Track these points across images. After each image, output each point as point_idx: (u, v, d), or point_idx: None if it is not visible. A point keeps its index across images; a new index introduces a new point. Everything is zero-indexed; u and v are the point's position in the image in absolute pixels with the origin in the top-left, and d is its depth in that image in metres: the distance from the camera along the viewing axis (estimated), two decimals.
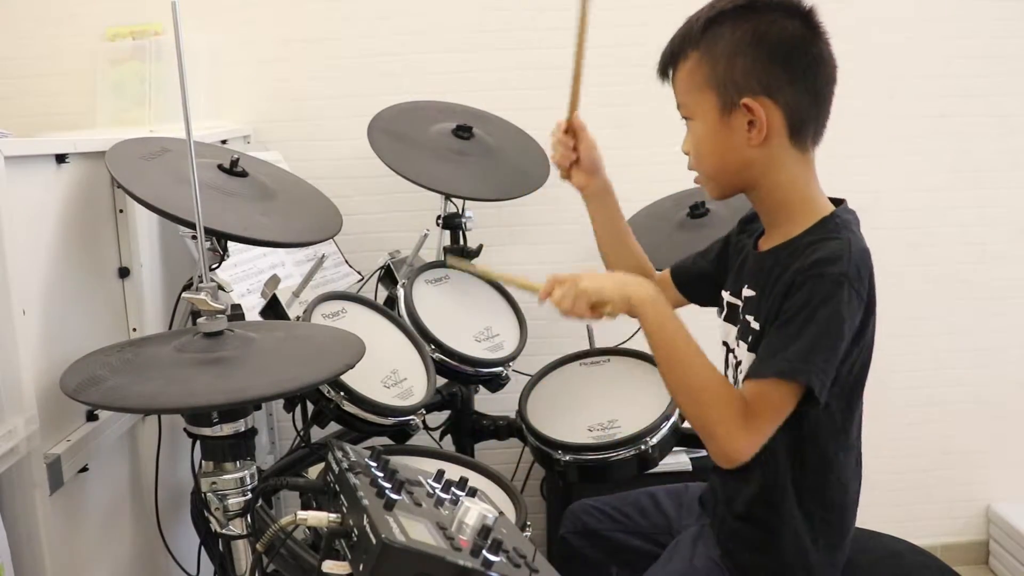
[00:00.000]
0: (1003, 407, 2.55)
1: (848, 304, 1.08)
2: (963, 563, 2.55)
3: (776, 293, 1.15)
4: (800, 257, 1.13)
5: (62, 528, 1.27)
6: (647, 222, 2.09)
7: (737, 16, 1.15)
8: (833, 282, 1.08)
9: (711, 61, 1.16)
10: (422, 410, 1.61)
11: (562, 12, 2.31)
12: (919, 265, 2.48)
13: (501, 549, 0.93)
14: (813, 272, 1.09)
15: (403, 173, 1.89)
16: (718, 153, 1.20)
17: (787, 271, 1.13)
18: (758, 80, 1.13)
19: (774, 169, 1.17)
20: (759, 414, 1.11)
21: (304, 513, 1.01)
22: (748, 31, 1.13)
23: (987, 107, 2.42)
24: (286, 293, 1.72)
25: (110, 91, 2.21)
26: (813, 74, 1.15)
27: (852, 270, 1.09)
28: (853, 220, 1.19)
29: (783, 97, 1.14)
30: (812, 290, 1.09)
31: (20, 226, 1.19)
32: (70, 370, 1.14)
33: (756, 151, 1.16)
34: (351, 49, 2.32)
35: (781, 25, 1.13)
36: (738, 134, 1.16)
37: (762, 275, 1.21)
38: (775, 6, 1.14)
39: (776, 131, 1.15)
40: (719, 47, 1.15)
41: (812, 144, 1.19)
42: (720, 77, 1.15)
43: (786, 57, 1.13)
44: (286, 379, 1.12)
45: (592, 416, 1.76)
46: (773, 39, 1.13)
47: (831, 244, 1.12)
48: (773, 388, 1.10)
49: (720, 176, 1.23)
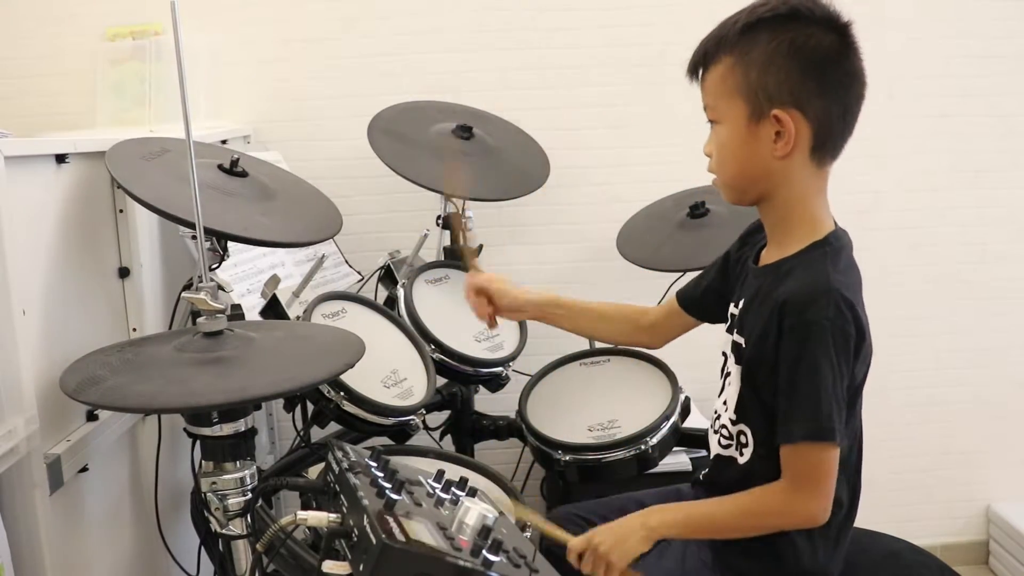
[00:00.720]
0: (1003, 407, 2.55)
1: (838, 349, 1.10)
2: (963, 563, 2.54)
3: (758, 317, 1.17)
4: (782, 283, 1.15)
5: (62, 528, 1.27)
6: (647, 222, 2.09)
7: (776, 25, 1.13)
8: (817, 330, 1.10)
9: (744, 68, 1.15)
10: (422, 410, 1.61)
11: (562, 12, 2.33)
12: (919, 265, 2.48)
13: (501, 549, 0.93)
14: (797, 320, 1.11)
15: (403, 173, 1.89)
16: (740, 160, 1.19)
17: (770, 297, 1.15)
18: (790, 92, 1.13)
19: (788, 183, 1.18)
20: (811, 476, 1.14)
21: (304, 513, 1.01)
22: (785, 41, 1.12)
23: (987, 107, 2.42)
24: (286, 293, 1.72)
25: (110, 91, 2.21)
26: (845, 90, 1.15)
27: (831, 311, 1.10)
28: (845, 247, 1.20)
29: (813, 111, 1.14)
30: (801, 342, 1.11)
31: (20, 226, 1.19)
32: (70, 370, 1.14)
33: (777, 163, 1.16)
34: (351, 49, 2.32)
35: (818, 38, 1.13)
36: (764, 144, 1.15)
37: (752, 291, 1.23)
38: (815, 19, 1.13)
39: (800, 145, 1.15)
40: (754, 54, 1.14)
41: (830, 160, 1.19)
42: (752, 85, 1.14)
43: (821, 71, 1.13)
44: (286, 379, 1.13)
45: (592, 416, 1.76)
46: (809, 52, 1.12)
47: (809, 277, 1.13)
48: (809, 451, 1.13)
49: (738, 183, 1.22)
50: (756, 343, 1.17)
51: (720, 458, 1.27)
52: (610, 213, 2.18)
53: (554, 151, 2.19)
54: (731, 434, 1.25)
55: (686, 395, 1.74)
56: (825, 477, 1.13)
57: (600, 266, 2.39)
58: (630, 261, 2.02)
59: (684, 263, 1.90)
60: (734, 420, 1.24)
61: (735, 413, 1.23)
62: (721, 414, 1.27)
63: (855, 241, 1.23)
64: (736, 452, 1.24)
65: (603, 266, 2.35)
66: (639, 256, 2.01)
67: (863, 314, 1.14)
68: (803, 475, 1.13)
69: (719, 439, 1.27)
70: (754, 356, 1.18)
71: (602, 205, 2.37)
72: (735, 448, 1.24)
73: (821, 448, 1.11)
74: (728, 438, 1.25)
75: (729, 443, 1.25)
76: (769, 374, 1.15)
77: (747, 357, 1.19)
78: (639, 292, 2.27)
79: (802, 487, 1.13)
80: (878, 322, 1.17)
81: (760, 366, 1.17)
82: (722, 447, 1.27)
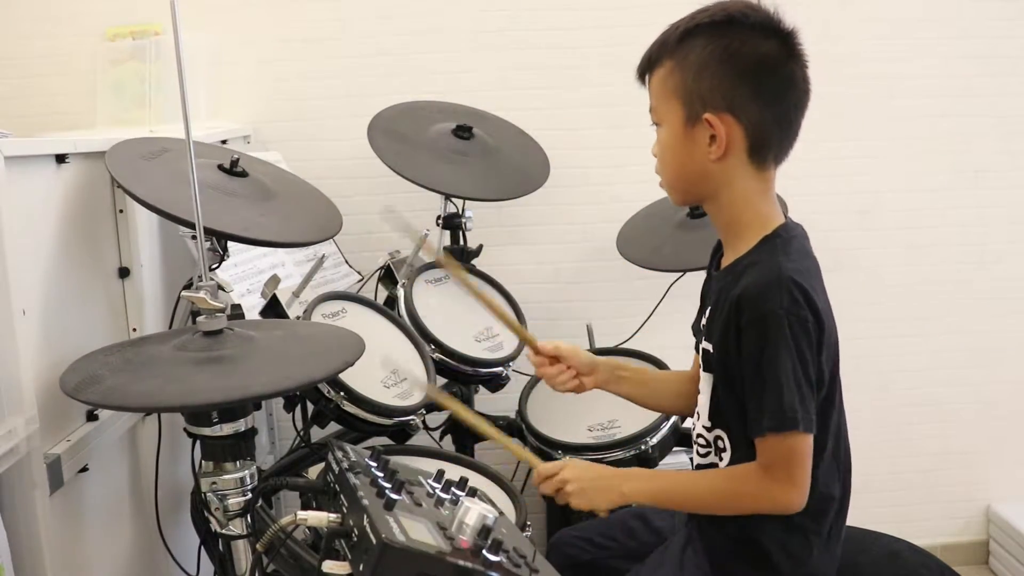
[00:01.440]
0: (1003, 407, 2.55)
1: (796, 336, 1.10)
2: (963, 563, 2.54)
3: (720, 318, 1.18)
4: (738, 282, 1.15)
5: (62, 528, 1.27)
6: (647, 222, 2.09)
7: (713, 30, 1.15)
8: (774, 321, 1.10)
9: (682, 72, 1.17)
10: (422, 410, 1.61)
11: (562, 12, 2.33)
12: (919, 265, 2.47)
13: (501, 549, 0.93)
14: (753, 314, 1.11)
15: (403, 173, 1.89)
16: (679, 162, 1.22)
17: (729, 295, 1.16)
18: (723, 96, 1.14)
19: (730, 184, 1.19)
20: (782, 465, 1.14)
21: (304, 513, 1.01)
22: (720, 47, 1.14)
23: (987, 107, 2.42)
24: (286, 293, 1.72)
25: (110, 91, 2.21)
26: (781, 96, 1.16)
27: (785, 299, 1.10)
28: (796, 236, 1.20)
29: (746, 116, 1.15)
30: (760, 335, 1.11)
31: (20, 226, 1.19)
32: (70, 370, 1.15)
33: (714, 165, 1.18)
34: (351, 49, 2.32)
35: (754, 44, 1.14)
36: (699, 147, 1.17)
37: (715, 296, 1.23)
38: (753, 25, 1.14)
39: (736, 148, 1.16)
40: (691, 59, 1.16)
41: (773, 163, 1.20)
42: (688, 89, 1.16)
43: (755, 76, 1.14)
44: (285, 378, 1.13)
45: (592, 416, 1.76)
46: (744, 57, 1.14)
47: (762, 271, 1.14)
48: (776, 442, 1.13)
49: (678, 184, 1.25)
50: (720, 345, 1.18)
51: (701, 467, 1.28)
52: (610, 213, 2.19)
53: (554, 151, 2.19)
54: (707, 441, 1.25)
55: None
56: (797, 465, 1.13)
57: (600, 266, 2.39)
58: (630, 261, 2.02)
59: (684, 263, 1.90)
60: (708, 427, 1.24)
61: (709, 420, 1.24)
62: (696, 422, 1.28)
63: (855, 241, 1.24)
64: (716, 458, 1.24)
65: (603, 266, 2.36)
66: (639, 256, 2.01)
67: (821, 300, 1.15)
68: (775, 465, 1.14)
69: (697, 448, 1.28)
70: (721, 359, 1.19)
71: (602, 205, 2.37)
72: (714, 454, 1.25)
73: (787, 437, 1.12)
74: (705, 445, 1.26)
75: (707, 450, 1.25)
76: (737, 372, 1.16)
77: (716, 361, 1.20)
78: (639, 292, 2.28)
79: (776, 476, 1.14)
80: (878, 322, 1.17)
81: (729, 367, 1.18)
82: (701, 455, 1.27)
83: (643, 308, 2.21)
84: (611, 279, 2.39)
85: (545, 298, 2.40)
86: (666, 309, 2.16)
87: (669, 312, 2.11)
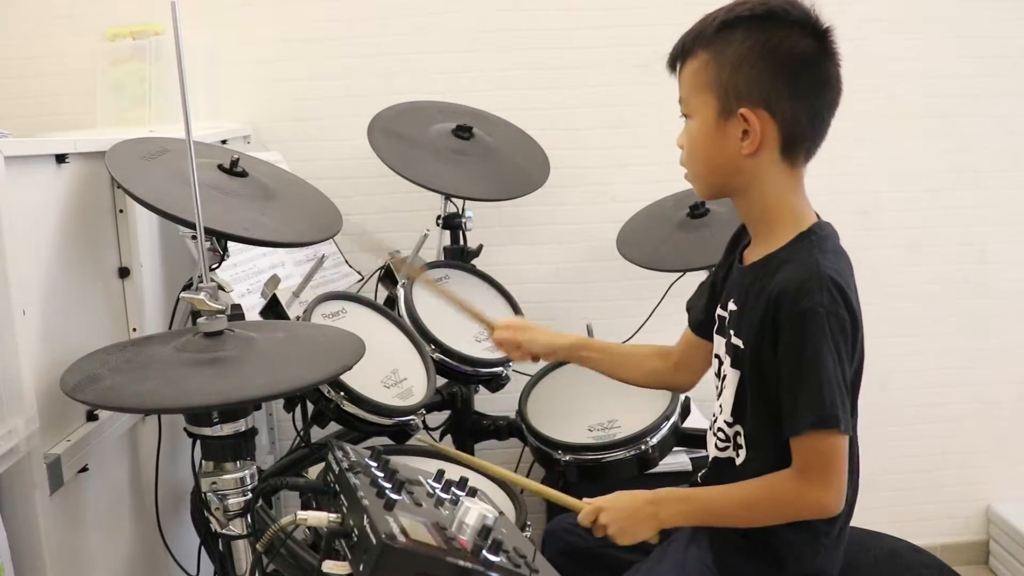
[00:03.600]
0: (1003, 407, 2.55)
1: (835, 335, 1.10)
2: (963, 563, 2.54)
3: (754, 314, 1.17)
4: (773, 277, 1.15)
5: (62, 528, 1.27)
6: (647, 222, 2.09)
7: (752, 24, 1.14)
8: (814, 319, 1.09)
9: (718, 65, 1.16)
10: (422, 410, 1.61)
11: (562, 12, 2.33)
12: (919, 265, 2.48)
13: (501, 549, 0.93)
14: (792, 310, 1.11)
15: (403, 173, 1.89)
16: (709, 155, 1.21)
17: (763, 292, 1.15)
18: (760, 92, 1.14)
19: (761, 180, 1.19)
20: (818, 466, 1.13)
21: (304, 513, 1.01)
22: (760, 41, 1.13)
23: (987, 107, 2.42)
24: (286, 293, 1.72)
25: (110, 91, 2.21)
26: (816, 94, 1.16)
27: (825, 297, 1.10)
28: (830, 235, 1.20)
29: (781, 112, 1.14)
30: (799, 332, 1.10)
31: (20, 226, 1.19)
32: (71, 369, 1.14)
33: (746, 161, 1.17)
34: (351, 49, 2.32)
35: (793, 41, 1.13)
36: (731, 141, 1.17)
37: (743, 290, 1.22)
38: (792, 21, 1.13)
39: (769, 144, 1.16)
40: (728, 52, 1.15)
41: (804, 161, 1.20)
42: (724, 82, 1.15)
43: (792, 73, 1.14)
44: (281, 380, 1.12)
45: (592, 416, 1.76)
46: (783, 54, 1.13)
47: (799, 268, 1.13)
48: (816, 441, 1.12)
49: (708, 177, 1.24)
50: (754, 341, 1.17)
51: (718, 460, 1.27)
52: (610, 213, 2.19)
53: (554, 151, 2.19)
54: (728, 436, 1.25)
55: (686, 395, 1.74)
56: (834, 466, 1.12)
57: (600, 266, 2.39)
58: (630, 261, 2.02)
59: (684, 263, 1.90)
60: (730, 422, 1.24)
61: (731, 415, 1.23)
62: (718, 416, 1.27)
63: (855, 241, 1.24)
64: (733, 453, 1.24)
65: (603, 266, 2.36)
66: (639, 256, 2.01)
67: (855, 299, 1.15)
68: (812, 465, 1.13)
69: (716, 441, 1.27)
70: (754, 355, 1.17)
71: (602, 205, 2.37)
72: (732, 449, 1.24)
73: (827, 436, 1.11)
74: (725, 440, 1.25)
75: (726, 444, 1.25)
76: (773, 369, 1.15)
77: (748, 358, 1.19)
78: (639, 292, 2.28)
79: (812, 478, 1.13)
80: (878, 322, 1.17)
81: (762, 364, 1.16)
82: (719, 449, 1.27)
83: (643, 308, 2.21)
84: (611, 279, 2.39)
85: (545, 298, 2.40)
86: (666, 309, 2.16)
87: (669, 312, 2.11)
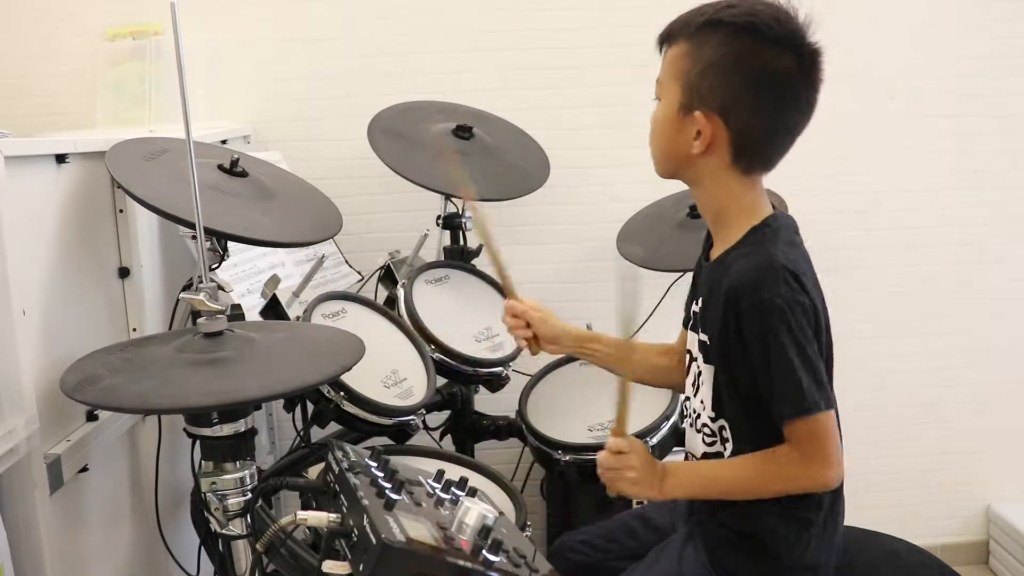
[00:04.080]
0: (1003, 407, 2.55)
1: (797, 320, 1.11)
2: (963, 563, 2.54)
3: (716, 310, 1.18)
4: (729, 272, 1.16)
5: (62, 528, 1.27)
6: (647, 222, 2.09)
7: (734, 31, 1.14)
8: (774, 309, 1.11)
9: (692, 61, 1.17)
10: (422, 410, 1.61)
11: (562, 12, 2.33)
12: (919, 265, 2.47)
13: (501, 549, 0.93)
14: (752, 302, 1.12)
15: (403, 173, 1.89)
16: (665, 142, 1.23)
17: (721, 287, 1.16)
18: (720, 100, 1.15)
19: (712, 179, 1.21)
20: (813, 445, 1.14)
21: (304, 513, 1.01)
22: (734, 51, 1.14)
23: (987, 107, 2.42)
24: (286, 293, 1.72)
25: (110, 91, 2.21)
26: (780, 113, 1.16)
27: (782, 287, 1.11)
28: (783, 227, 1.20)
29: (736, 123, 1.15)
30: (761, 324, 1.11)
31: (20, 226, 1.19)
32: (71, 369, 1.14)
33: (696, 159, 1.19)
34: (351, 49, 2.32)
35: (768, 58, 1.13)
36: (685, 137, 1.19)
37: (707, 288, 1.24)
38: (775, 38, 1.13)
39: (718, 150, 1.17)
40: (703, 52, 1.16)
41: (760, 170, 1.21)
42: (691, 80, 1.17)
43: (759, 88, 1.14)
44: (281, 380, 1.12)
45: (592, 416, 1.76)
46: (753, 68, 1.14)
47: (752, 260, 1.14)
48: (802, 426, 1.13)
49: (663, 161, 1.27)
50: (719, 337, 1.18)
51: (708, 456, 1.28)
52: (610, 213, 2.19)
53: (554, 151, 2.19)
54: (713, 431, 1.25)
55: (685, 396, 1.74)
56: (827, 443, 1.14)
57: (600, 266, 2.39)
58: (630, 261, 2.02)
59: (684, 263, 1.89)
60: (713, 417, 1.24)
61: (713, 410, 1.24)
62: (700, 413, 1.28)
63: (856, 241, 1.24)
64: (721, 447, 1.25)
65: (603, 266, 2.35)
66: (639, 256, 2.01)
67: (811, 285, 1.16)
68: (807, 446, 1.14)
69: (703, 438, 1.28)
70: (720, 350, 1.19)
71: (602, 205, 2.37)
72: (719, 443, 1.25)
73: (812, 420, 1.12)
74: (712, 435, 1.26)
75: (713, 440, 1.26)
76: (742, 362, 1.16)
77: (714, 353, 1.20)
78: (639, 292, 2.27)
79: (812, 457, 1.14)
80: (878, 323, 1.18)
81: (730, 358, 1.18)
82: (707, 444, 1.27)
83: (643, 308, 2.21)
84: (611, 279, 2.38)
85: (545, 298, 2.35)
86: (666, 309, 2.16)
87: (669, 312, 2.11)
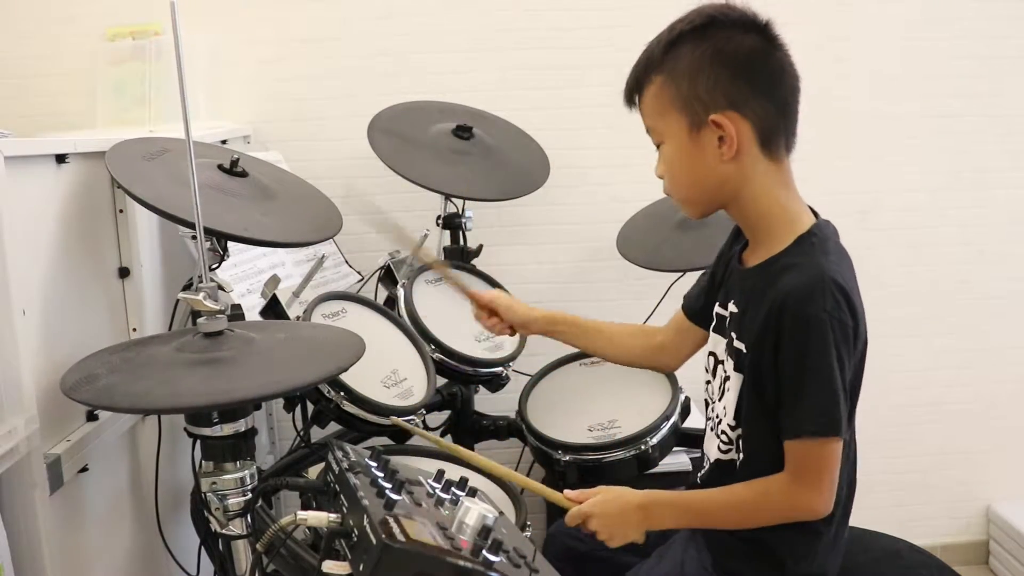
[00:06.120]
0: (1003, 407, 2.55)
1: (838, 340, 1.11)
2: (963, 563, 2.54)
3: (757, 318, 1.17)
4: (777, 282, 1.14)
5: (62, 528, 1.27)
6: (647, 222, 2.09)
7: (696, 35, 1.16)
8: (818, 324, 1.10)
9: (675, 82, 1.17)
10: (422, 410, 1.61)
11: (562, 12, 2.33)
12: (919, 265, 2.48)
13: (501, 549, 0.93)
14: (798, 315, 1.11)
15: (403, 173, 1.89)
16: (692, 173, 1.21)
17: (766, 297, 1.15)
18: (723, 95, 1.15)
19: (749, 182, 1.19)
20: (813, 470, 1.14)
21: (304, 513, 1.01)
22: (708, 48, 1.15)
23: (987, 107, 2.42)
24: (286, 293, 1.72)
25: (110, 91, 2.21)
26: (776, 85, 1.17)
27: (830, 303, 1.10)
28: (831, 235, 1.20)
29: (749, 109, 1.15)
30: (803, 338, 1.11)
31: (20, 226, 1.19)
32: (71, 369, 1.14)
33: (729, 166, 1.17)
34: (351, 49, 2.32)
35: (739, 40, 1.15)
36: (710, 151, 1.17)
37: (745, 294, 1.22)
38: (732, 23, 1.15)
39: (747, 144, 1.16)
40: (681, 67, 1.16)
41: (786, 152, 1.20)
42: (686, 96, 1.16)
43: (748, 70, 1.15)
44: (280, 380, 1.12)
45: (592, 416, 1.76)
46: (733, 54, 1.15)
47: (803, 272, 1.13)
48: (814, 446, 1.13)
49: (697, 196, 1.24)
50: (756, 345, 1.17)
51: (720, 462, 1.27)
52: (610, 213, 2.18)
53: (554, 151, 2.19)
54: (731, 439, 1.25)
55: (686, 395, 1.74)
56: (828, 470, 1.14)
57: (600, 266, 2.39)
58: (630, 261, 2.02)
59: (684, 263, 1.90)
60: (733, 425, 1.24)
61: (734, 419, 1.23)
62: (722, 418, 1.27)
63: (856, 241, 1.23)
64: (735, 455, 1.24)
65: (603, 266, 2.36)
66: (639, 256, 2.01)
67: (858, 301, 1.15)
68: (807, 469, 1.14)
69: (719, 444, 1.27)
70: (756, 359, 1.17)
71: (602, 205, 2.37)
72: (735, 451, 1.24)
73: (826, 442, 1.12)
74: (728, 443, 1.25)
75: (729, 447, 1.25)
76: (772, 374, 1.15)
77: (749, 362, 1.19)
78: (639, 292, 2.28)
79: (806, 481, 1.14)
80: (878, 322, 1.17)
81: (761, 369, 1.17)
82: (722, 452, 1.27)
83: (643, 308, 2.21)
84: (611, 279, 2.39)
85: (545, 298, 2.40)
86: (666, 309, 2.16)
87: (669, 312, 2.10)
